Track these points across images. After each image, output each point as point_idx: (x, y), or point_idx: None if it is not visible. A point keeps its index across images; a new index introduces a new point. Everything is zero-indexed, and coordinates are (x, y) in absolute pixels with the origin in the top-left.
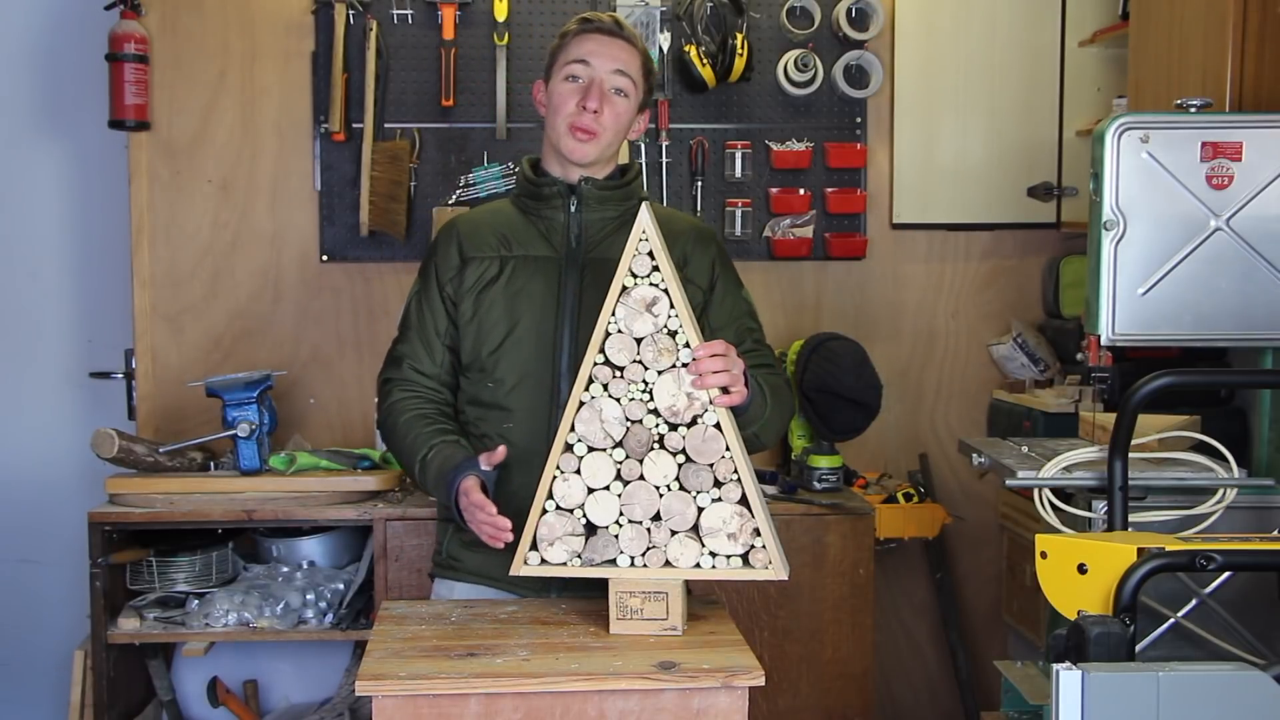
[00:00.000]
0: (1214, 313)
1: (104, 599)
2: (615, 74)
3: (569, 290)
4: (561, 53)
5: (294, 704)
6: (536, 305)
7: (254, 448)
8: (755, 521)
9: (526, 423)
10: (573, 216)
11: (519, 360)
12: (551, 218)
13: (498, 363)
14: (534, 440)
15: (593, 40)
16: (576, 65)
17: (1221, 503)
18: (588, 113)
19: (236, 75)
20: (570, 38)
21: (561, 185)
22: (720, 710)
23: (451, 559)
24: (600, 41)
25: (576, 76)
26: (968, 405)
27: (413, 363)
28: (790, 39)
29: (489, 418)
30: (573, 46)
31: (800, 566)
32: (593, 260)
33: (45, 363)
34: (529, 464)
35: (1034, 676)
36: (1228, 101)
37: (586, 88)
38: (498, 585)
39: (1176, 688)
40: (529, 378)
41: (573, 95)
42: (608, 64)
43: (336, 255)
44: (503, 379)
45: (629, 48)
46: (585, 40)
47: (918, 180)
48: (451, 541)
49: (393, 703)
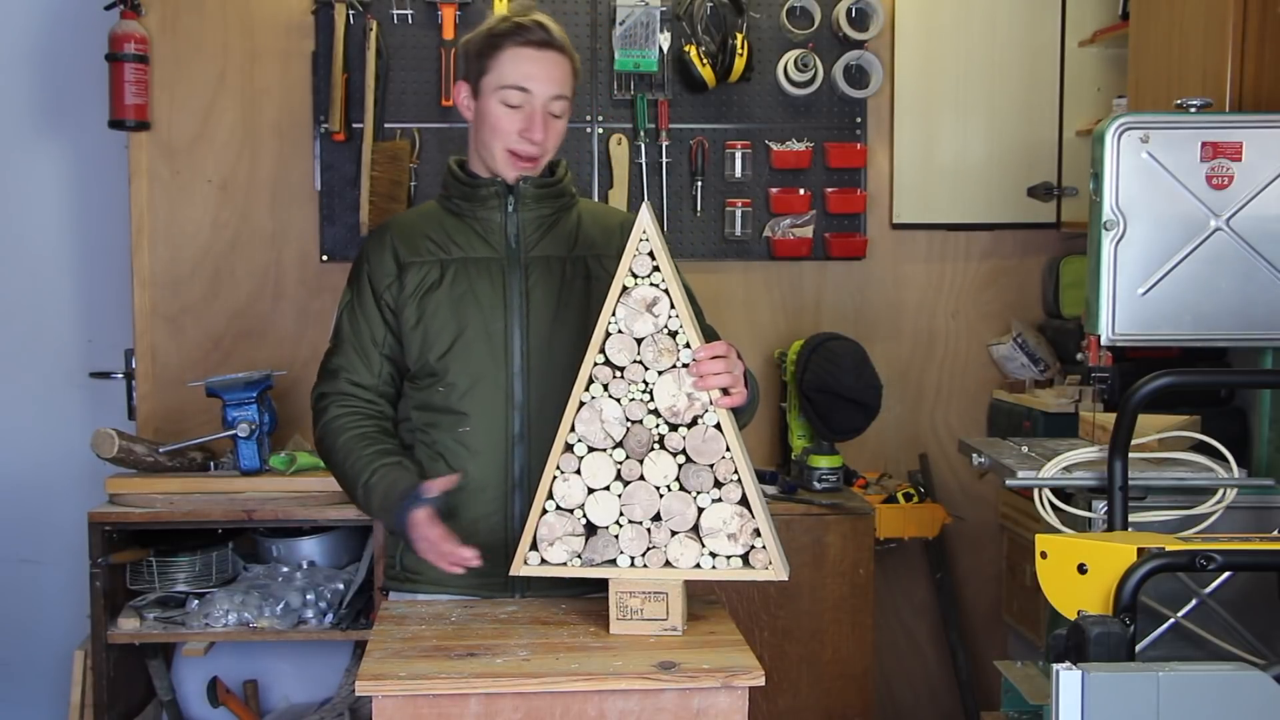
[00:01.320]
0: (1214, 313)
1: (104, 599)
2: (554, 99)
3: (514, 290)
4: (493, 67)
5: (294, 704)
6: (484, 307)
7: (254, 448)
8: (755, 522)
9: (483, 425)
10: (510, 217)
11: (470, 363)
12: (487, 219)
13: (448, 367)
14: (492, 442)
15: (529, 60)
16: (514, 92)
17: (1221, 503)
18: (530, 142)
19: (236, 75)
20: (503, 51)
21: (500, 185)
22: (720, 710)
23: (409, 571)
24: (538, 62)
25: (516, 104)
26: (968, 405)
27: (349, 375)
28: (790, 39)
29: (442, 423)
30: (507, 65)
31: (800, 566)
32: (534, 259)
33: (45, 363)
34: (489, 465)
35: (1034, 676)
36: (1228, 101)
37: (529, 116)
38: (461, 591)
39: (1176, 688)
40: (483, 380)
41: (513, 122)
42: (548, 89)
43: (336, 255)
44: (454, 383)
45: (563, 63)
46: (521, 59)
47: (918, 180)
48: (406, 554)
49: (393, 703)
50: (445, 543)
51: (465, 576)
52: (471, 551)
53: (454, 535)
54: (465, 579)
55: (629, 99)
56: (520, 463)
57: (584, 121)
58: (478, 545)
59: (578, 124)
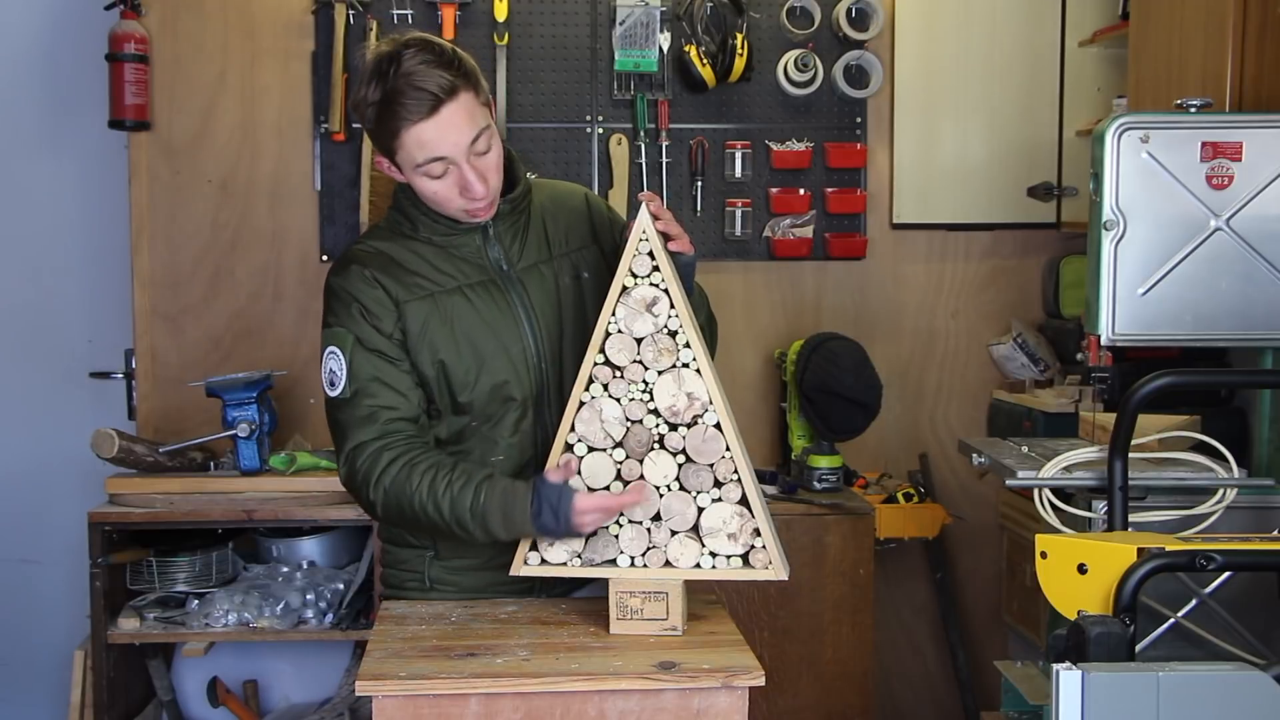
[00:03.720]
0: (1214, 313)
1: (104, 599)
2: (472, 144)
3: (519, 306)
4: (399, 150)
5: (294, 704)
6: (496, 330)
7: (254, 448)
8: (755, 521)
9: (515, 451)
10: (489, 241)
11: (499, 391)
12: (467, 243)
13: (474, 404)
14: (524, 464)
15: (429, 129)
16: (434, 165)
17: (1221, 503)
18: (474, 199)
19: (236, 75)
20: (400, 136)
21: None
22: (720, 710)
23: (437, 583)
24: (438, 127)
25: (440, 174)
26: (968, 405)
27: (392, 413)
28: (790, 39)
29: (473, 451)
30: (412, 146)
31: (800, 566)
32: (524, 269)
33: (45, 363)
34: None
35: (1034, 676)
36: (1228, 101)
37: (459, 179)
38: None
39: (1176, 688)
40: (511, 406)
41: (448, 189)
42: (461, 139)
43: (336, 255)
44: (489, 414)
45: (464, 104)
46: (421, 133)
47: (918, 180)
48: (433, 567)
49: (393, 703)
50: (613, 500)
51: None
52: (633, 483)
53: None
54: (495, 586)
55: (629, 99)
56: None
57: (584, 121)
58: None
59: (578, 124)
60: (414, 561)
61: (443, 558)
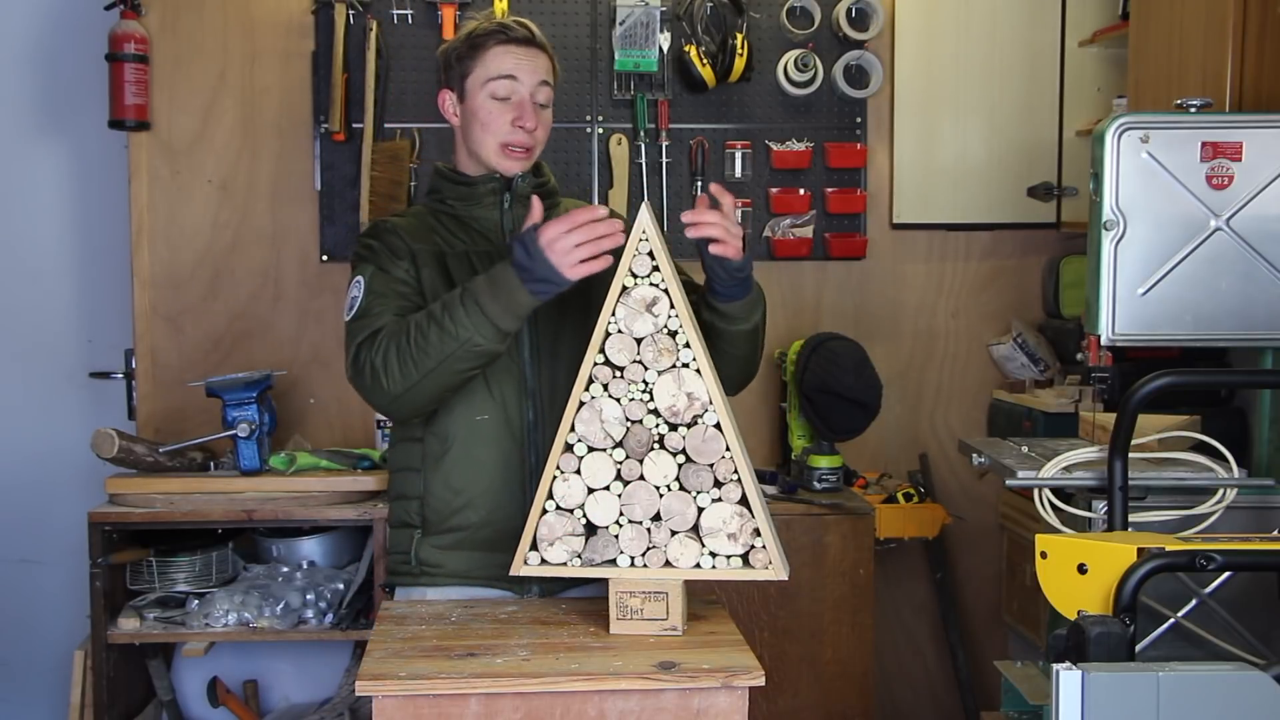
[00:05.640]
0: (1214, 313)
1: (104, 599)
2: (540, 86)
3: None
4: (478, 65)
5: (294, 704)
6: None
7: (254, 448)
8: (755, 521)
9: (498, 414)
10: (506, 214)
11: None
12: (485, 217)
13: None
14: (509, 432)
15: (513, 54)
16: (503, 82)
17: (1221, 503)
18: (523, 131)
19: (236, 75)
20: (487, 50)
21: (497, 181)
22: (720, 710)
23: (425, 565)
24: (521, 54)
25: (505, 95)
26: (968, 405)
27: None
28: (790, 39)
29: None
30: (492, 60)
31: (800, 566)
32: None
33: (45, 363)
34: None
35: (1034, 676)
36: (1228, 101)
37: (519, 105)
38: (480, 584)
39: (1176, 688)
40: (497, 368)
41: (504, 114)
42: (533, 77)
43: (336, 255)
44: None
45: (546, 59)
46: (506, 54)
47: (918, 180)
48: (422, 546)
49: (393, 703)
50: (569, 217)
51: (484, 567)
52: (603, 209)
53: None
54: (484, 570)
55: (629, 99)
56: (537, 452)
57: (584, 121)
58: (493, 533)
59: (578, 124)
60: (403, 541)
61: (430, 533)
